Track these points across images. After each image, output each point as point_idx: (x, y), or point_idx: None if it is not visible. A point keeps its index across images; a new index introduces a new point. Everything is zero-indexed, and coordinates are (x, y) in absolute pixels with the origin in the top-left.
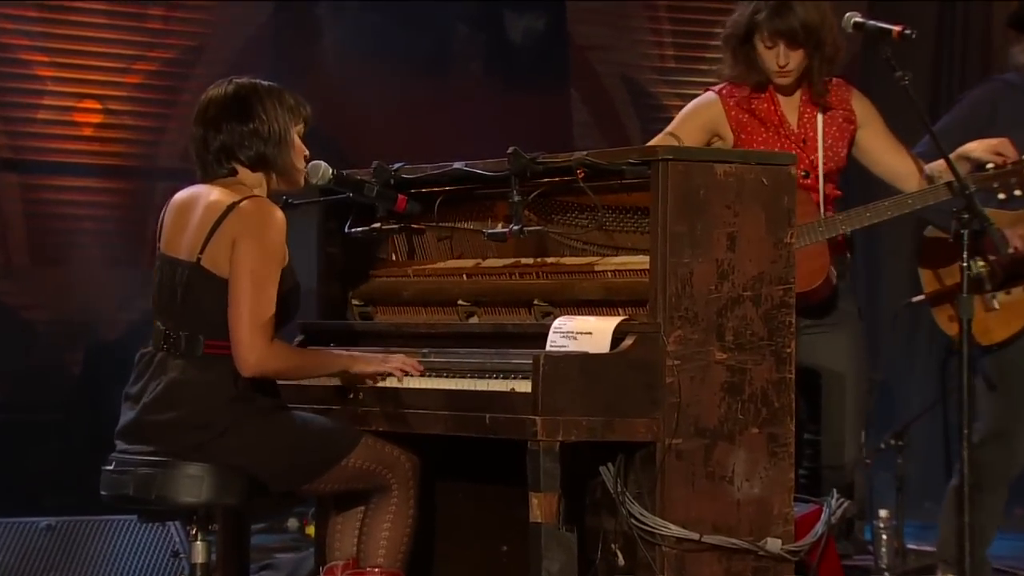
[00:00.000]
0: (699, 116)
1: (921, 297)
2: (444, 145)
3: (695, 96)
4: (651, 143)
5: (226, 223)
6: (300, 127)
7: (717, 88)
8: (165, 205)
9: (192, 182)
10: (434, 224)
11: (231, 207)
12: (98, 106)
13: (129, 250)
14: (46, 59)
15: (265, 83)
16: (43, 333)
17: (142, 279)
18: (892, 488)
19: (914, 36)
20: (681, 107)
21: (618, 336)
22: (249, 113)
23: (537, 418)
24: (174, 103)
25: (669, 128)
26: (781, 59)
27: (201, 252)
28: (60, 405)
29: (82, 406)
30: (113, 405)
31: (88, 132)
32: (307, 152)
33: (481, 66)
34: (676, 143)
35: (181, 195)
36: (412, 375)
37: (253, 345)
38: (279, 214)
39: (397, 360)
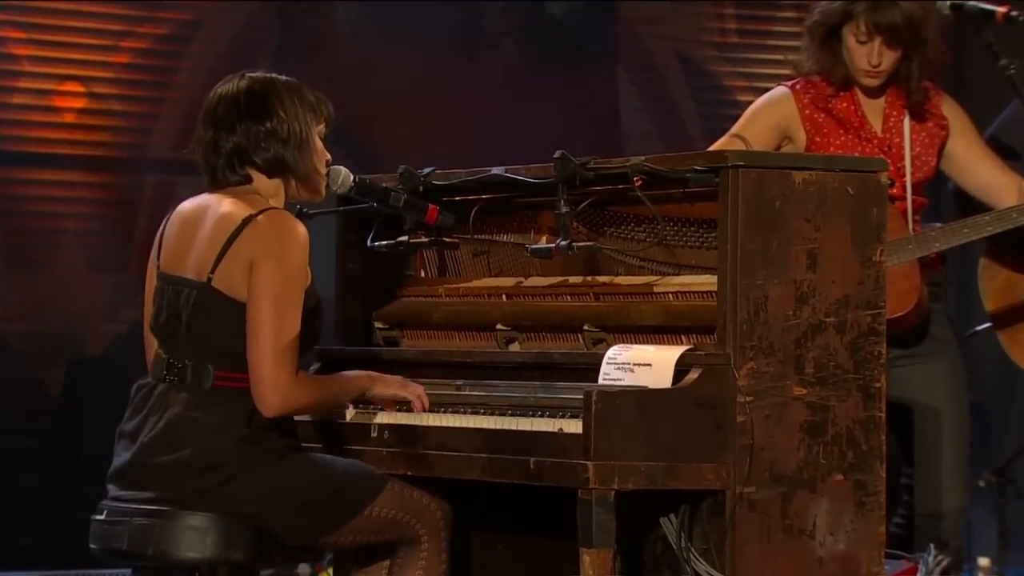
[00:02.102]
0: (769, 114)
1: (987, 325)
2: (473, 133)
3: (761, 76)
4: (715, 146)
5: (241, 240)
6: (321, 128)
7: (790, 83)
8: (165, 218)
9: (189, 175)
10: (469, 237)
11: (246, 221)
12: (81, 89)
13: (116, 253)
14: (22, 35)
15: (282, 78)
16: (17, 347)
17: (131, 286)
18: (992, 531)
19: (1023, 19)
20: (746, 88)
21: (681, 368)
22: (265, 111)
23: (589, 463)
24: (167, 85)
25: (734, 129)
26: (874, 57)
27: (212, 271)
28: (36, 429)
29: (61, 431)
30: (97, 430)
31: (70, 119)
32: (329, 156)
33: (516, 43)
34: (743, 145)
35: (186, 207)
36: (417, 410)
37: (278, 383)
38: (301, 229)
39: (416, 387)
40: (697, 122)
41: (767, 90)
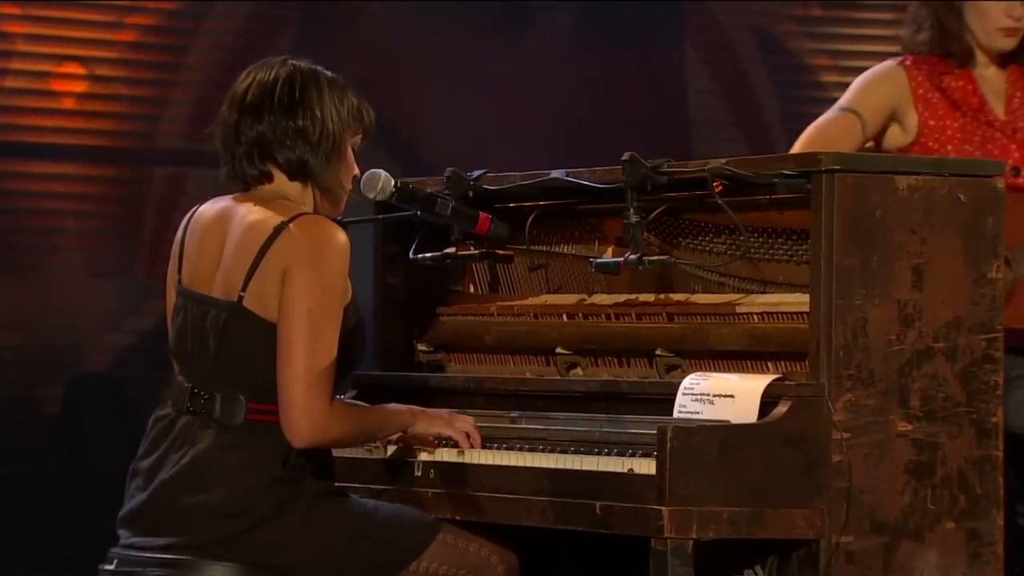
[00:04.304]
0: (878, 90)
1: None
2: (521, 120)
3: (848, 53)
4: (821, 121)
5: (274, 250)
6: (357, 139)
7: (898, 59)
8: (183, 224)
9: (202, 167)
10: (525, 248)
11: (279, 229)
12: (82, 71)
13: (121, 255)
14: (16, 11)
15: (328, 74)
16: (10, 361)
17: (137, 292)
18: None
19: None
20: (830, 68)
21: (768, 400)
22: (300, 107)
23: (663, 509)
24: (178, 67)
25: (844, 102)
26: (1017, 8)
27: (243, 289)
28: (31, 454)
29: (59, 455)
30: (100, 454)
31: (69, 104)
32: (357, 171)
33: (570, 16)
34: (858, 121)
35: (206, 212)
36: (468, 448)
37: (310, 408)
38: (341, 236)
39: (465, 423)
40: (775, 106)
41: (854, 70)
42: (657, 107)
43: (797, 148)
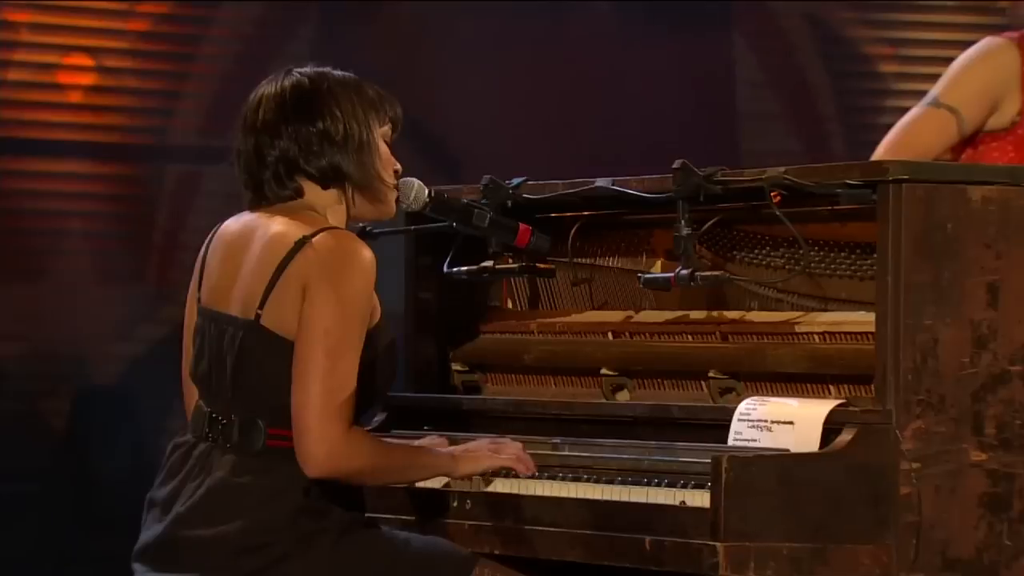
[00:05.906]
0: (983, 73)
1: None
2: (557, 115)
3: (909, 42)
4: (909, 118)
5: (294, 265)
6: (386, 129)
7: (1011, 35)
8: (207, 240)
9: (217, 165)
10: (567, 262)
11: (300, 243)
12: (90, 62)
13: (131, 258)
14: None
15: (337, 72)
16: (13, 372)
17: (148, 298)
18: None
19: None
20: (891, 58)
21: (831, 428)
22: (317, 110)
23: (718, 544)
24: (192, 58)
25: (939, 95)
26: None
27: (261, 306)
28: (36, 471)
29: (65, 472)
30: (108, 472)
31: (76, 98)
32: (398, 165)
33: (609, 4)
34: (953, 120)
35: (230, 227)
36: (523, 475)
37: (324, 434)
38: (366, 253)
39: (512, 450)
40: (830, 99)
41: (916, 60)
42: (703, 100)
43: (880, 152)
